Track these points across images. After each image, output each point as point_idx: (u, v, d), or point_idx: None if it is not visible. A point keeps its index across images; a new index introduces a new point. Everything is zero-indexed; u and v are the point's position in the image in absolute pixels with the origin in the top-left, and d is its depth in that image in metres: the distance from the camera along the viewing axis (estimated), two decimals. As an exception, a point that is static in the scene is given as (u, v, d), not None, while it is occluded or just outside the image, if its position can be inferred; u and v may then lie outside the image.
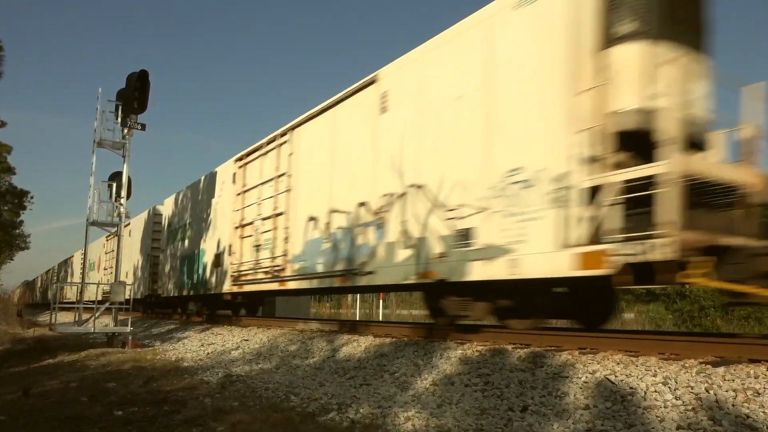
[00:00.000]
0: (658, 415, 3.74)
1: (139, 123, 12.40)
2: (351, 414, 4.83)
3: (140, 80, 12.22)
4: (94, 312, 12.02)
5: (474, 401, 4.71)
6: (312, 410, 5.09)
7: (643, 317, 20.91)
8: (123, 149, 12.47)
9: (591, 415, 3.98)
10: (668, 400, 3.89)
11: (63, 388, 6.86)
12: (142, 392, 6.34)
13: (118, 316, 12.53)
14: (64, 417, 5.25)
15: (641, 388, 4.13)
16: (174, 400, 5.81)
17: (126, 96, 12.27)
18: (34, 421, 5.15)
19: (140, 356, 9.72)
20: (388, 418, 4.61)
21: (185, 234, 16.73)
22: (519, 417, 4.22)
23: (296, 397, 5.67)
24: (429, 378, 5.63)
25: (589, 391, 4.35)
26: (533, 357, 5.40)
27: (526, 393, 4.64)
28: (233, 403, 5.50)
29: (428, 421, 4.40)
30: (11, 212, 32.86)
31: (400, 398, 5.15)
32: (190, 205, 16.42)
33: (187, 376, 7.34)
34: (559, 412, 4.15)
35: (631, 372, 4.46)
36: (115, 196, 12.67)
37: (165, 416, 5.16)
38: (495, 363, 5.52)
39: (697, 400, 3.78)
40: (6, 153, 27.77)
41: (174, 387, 6.57)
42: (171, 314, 19.56)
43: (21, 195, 31.87)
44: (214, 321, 15.15)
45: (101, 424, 4.99)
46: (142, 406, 5.58)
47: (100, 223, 12.76)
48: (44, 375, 8.13)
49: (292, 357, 8.01)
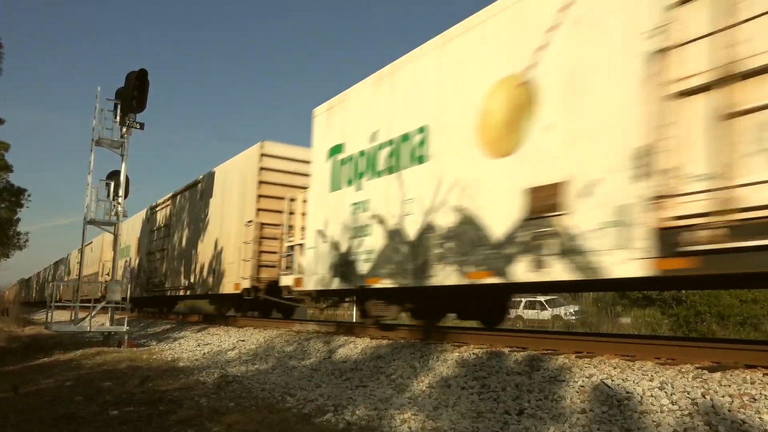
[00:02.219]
0: (655, 420, 3.74)
1: (137, 122, 12.37)
2: (347, 416, 4.82)
3: (139, 79, 12.19)
4: (91, 311, 11.98)
5: (470, 404, 4.71)
6: (308, 411, 5.08)
7: (639, 322, 20.93)
8: (121, 148, 12.44)
9: (587, 419, 3.98)
10: (664, 405, 3.89)
11: (58, 387, 6.83)
12: (138, 392, 6.31)
13: (115, 315, 12.50)
14: (58, 416, 5.23)
15: (638, 393, 4.13)
16: (170, 400, 5.79)
17: (125, 95, 12.23)
18: (28, 419, 5.13)
19: (136, 356, 9.69)
20: (384, 420, 4.60)
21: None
22: (515, 420, 4.22)
23: (292, 398, 5.65)
24: (425, 380, 5.62)
25: (585, 395, 4.34)
26: (530, 360, 5.40)
27: (523, 396, 4.64)
28: (229, 404, 5.49)
29: (424, 424, 4.40)
30: (8, 210, 32.78)
31: (396, 400, 5.15)
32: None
33: (183, 376, 7.32)
34: (555, 416, 4.15)
35: (627, 376, 4.46)
36: (113, 194, 12.63)
37: (160, 416, 5.14)
38: (492, 366, 5.52)
39: (694, 405, 3.78)
40: (3, 150, 27.72)
41: (170, 387, 6.55)
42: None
43: (18, 193, 31.79)
44: (210, 321, 15.12)
45: (96, 423, 4.97)
46: (138, 406, 5.56)
47: (98, 221, 12.73)
48: (39, 374, 8.10)
49: (288, 358, 8.00)
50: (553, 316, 23.85)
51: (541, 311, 24.56)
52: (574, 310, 23.66)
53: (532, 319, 24.29)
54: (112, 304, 12.12)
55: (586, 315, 22.95)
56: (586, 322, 21.52)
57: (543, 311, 24.51)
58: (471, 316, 9.19)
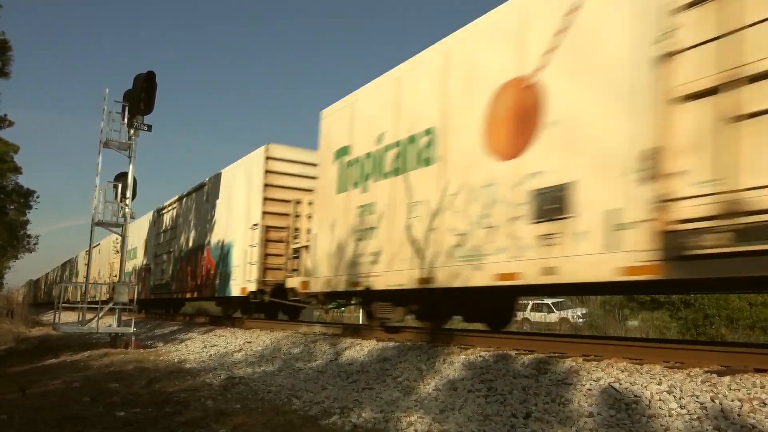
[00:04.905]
0: (663, 424, 3.71)
1: (145, 124, 12.43)
2: (353, 418, 4.80)
3: (147, 81, 12.25)
4: (98, 312, 12.03)
5: (477, 407, 4.68)
6: (314, 414, 5.07)
7: (647, 325, 20.81)
8: (129, 150, 12.49)
9: (595, 422, 3.95)
10: (673, 409, 3.85)
11: (65, 388, 6.86)
12: (144, 393, 6.33)
13: (122, 317, 12.54)
14: (64, 417, 5.24)
15: (646, 396, 4.10)
16: (176, 402, 5.80)
17: (132, 97, 12.29)
18: (34, 420, 5.15)
19: (143, 357, 9.71)
20: (390, 422, 4.58)
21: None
22: (522, 424, 4.19)
23: (298, 400, 5.65)
24: (432, 383, 5.60)
25: (593, 399, 4.31)
26: (537, 363, 5.37)
27: (530, 399, 4.61)
28: (235, 406, 5.49)
29: (431, 427, 4.38)
30: (17, 211, 33.02)
31: (402, 403, 5.13)
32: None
33: (189, 378, 7.33)
34: (562, 420, 4.12)
35: (635, 380, 4.43)
36: (121, 196, 12.69)
37: (167, 417, 5.15)
38: (498, 369, 5.49)
39: (702, 409, 3.74)
40: (13, 152, 27.93)
41: (176, 388, 6.56)
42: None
43: (27, 194, 32.03)
44: (217, 323, 15.14)
45: (102, 424, 4.98)
46: (144, 407, 5.57)
47: (105, 223, 12.78)
48: (46, 374, 8.13)
49: (294, 360, 8.00)
50: (561, 319, 23.76)
51: (548, 314, 24.47)
52: (581, 313, 23.56)
53: (539, 322, 24.20)
54: (120, 305, 12.17)
55: (593, 318, 22.85)
56: (593, 325, 21.41)
57: (550, 314, 24.41)
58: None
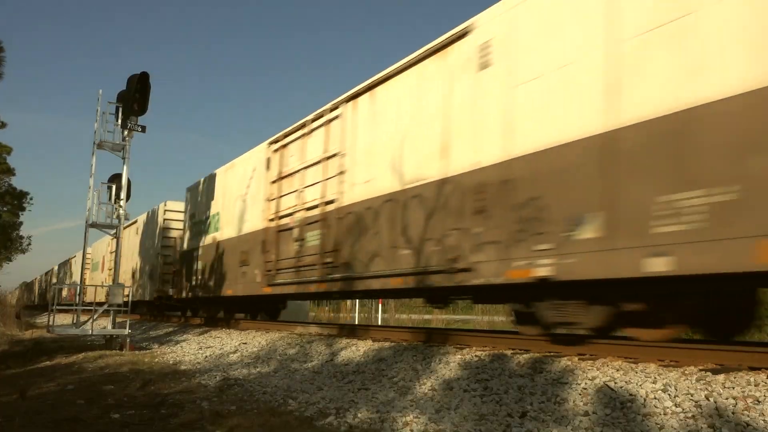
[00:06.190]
0: (658, 422, 3.72)
1: (139, 125, 12.38)
2: (349, 419, 4.80)
3: (140, 82, 12.21)
4: (92, 314, 11.98)
5: (473, 407, 4.69)
6: (310, 414, 5.06)
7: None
8: (123, 151, 12.45)
9: (590, 421, 3.96)
10: (668, 407, 3.87)
11: (60, 391, 6.82)
12: (140, 395, 6.31)
13: (117, 319, 12.49)
14: (60, 419, 5.22)
15: (641, 395, 4.11)
16: (171, 404, 5.78)
17: (126, 98, 12.25)
18: (30, 422, 5.12)
19: (138, 359, 9.68)
20: (386, 423, 4.59)
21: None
22: (518, 423, 4.20)
23: (294, 401, 5.64)
24: (428, 383, 5.60)
25: (588, 398, 4.33)
26: (532, 362, 5.39)
27: (525, 399, 4.62)
28: (231, 407, 5.48)
29: (427, 427, 4.38)
30: (10, 213, 32.85)
31: (398, 403, 5.13)
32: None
33: (184, 380, 7.31)
34: (558, 419, 4.13)
35: (630, 379, 4.45)
36: (115, 197, 12.64)
37: (162, 419, 5.13)
38: (494, 368, 5.50)
39: (697, 407, 3.76)
40: (6, 154, 27.80)
41: (171, 390, 6.54)
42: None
43: (20, 196, 31.89)
44: (212, 324, 15.11)
45: (97, 426, 4.96)
46: (139, 409, 5.55)
47: (99, 224, 12.73)
48: (41, 377, 8.09)
49: (290, 361, 7.99)
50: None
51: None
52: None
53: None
54: (114, 307, 12.12)
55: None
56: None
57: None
58: None
